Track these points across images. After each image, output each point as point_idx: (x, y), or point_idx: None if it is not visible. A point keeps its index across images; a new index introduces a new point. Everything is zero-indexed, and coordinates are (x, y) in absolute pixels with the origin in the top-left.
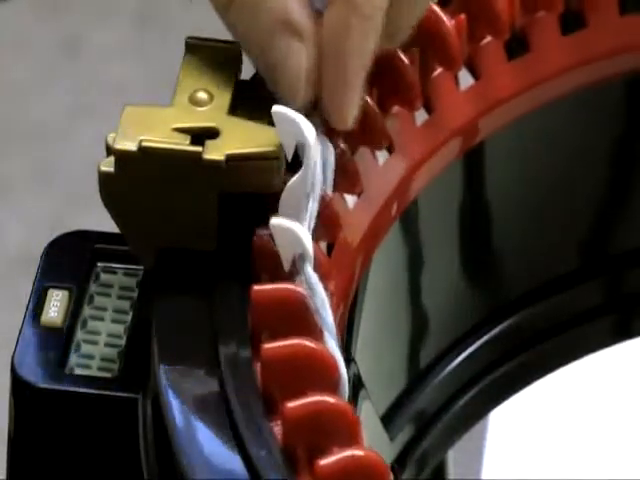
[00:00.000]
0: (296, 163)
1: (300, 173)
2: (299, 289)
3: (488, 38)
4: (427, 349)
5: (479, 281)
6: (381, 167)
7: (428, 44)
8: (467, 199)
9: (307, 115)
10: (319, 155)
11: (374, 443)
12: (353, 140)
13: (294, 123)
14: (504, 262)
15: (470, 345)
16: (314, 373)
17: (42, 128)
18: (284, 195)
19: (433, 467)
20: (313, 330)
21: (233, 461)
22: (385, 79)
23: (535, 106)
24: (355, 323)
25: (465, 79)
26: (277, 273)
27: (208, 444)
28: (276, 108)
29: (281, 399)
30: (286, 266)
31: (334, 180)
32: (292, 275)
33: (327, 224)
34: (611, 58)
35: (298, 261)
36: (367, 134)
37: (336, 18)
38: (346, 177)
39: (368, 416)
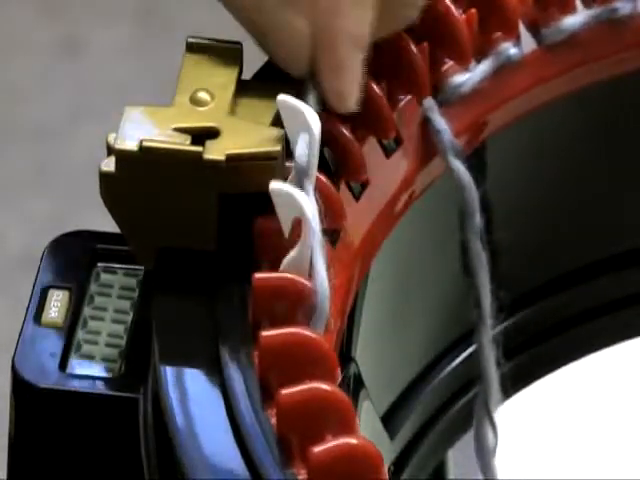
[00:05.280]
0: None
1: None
2: (300, 279)
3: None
4: (427, 349)
5: None
6: (387, 164)
7: (437, 38)
8: None
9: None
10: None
11: (374, 443)
12: (361, 131)
13: (299, 112)
14: (504, 262)
15: (470, 345)
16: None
17: (42, 128)
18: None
19: (433, 467)
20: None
21: (233, 461)
22: (396, 70)
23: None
24: (355, 323)
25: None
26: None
27: (208, 444)
28: (281, 97)
29: (277, 387)
30: (286, 231)
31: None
32: (292, 244)
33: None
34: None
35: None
36: (375, 123)
37: None
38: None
39: (368, 416)
